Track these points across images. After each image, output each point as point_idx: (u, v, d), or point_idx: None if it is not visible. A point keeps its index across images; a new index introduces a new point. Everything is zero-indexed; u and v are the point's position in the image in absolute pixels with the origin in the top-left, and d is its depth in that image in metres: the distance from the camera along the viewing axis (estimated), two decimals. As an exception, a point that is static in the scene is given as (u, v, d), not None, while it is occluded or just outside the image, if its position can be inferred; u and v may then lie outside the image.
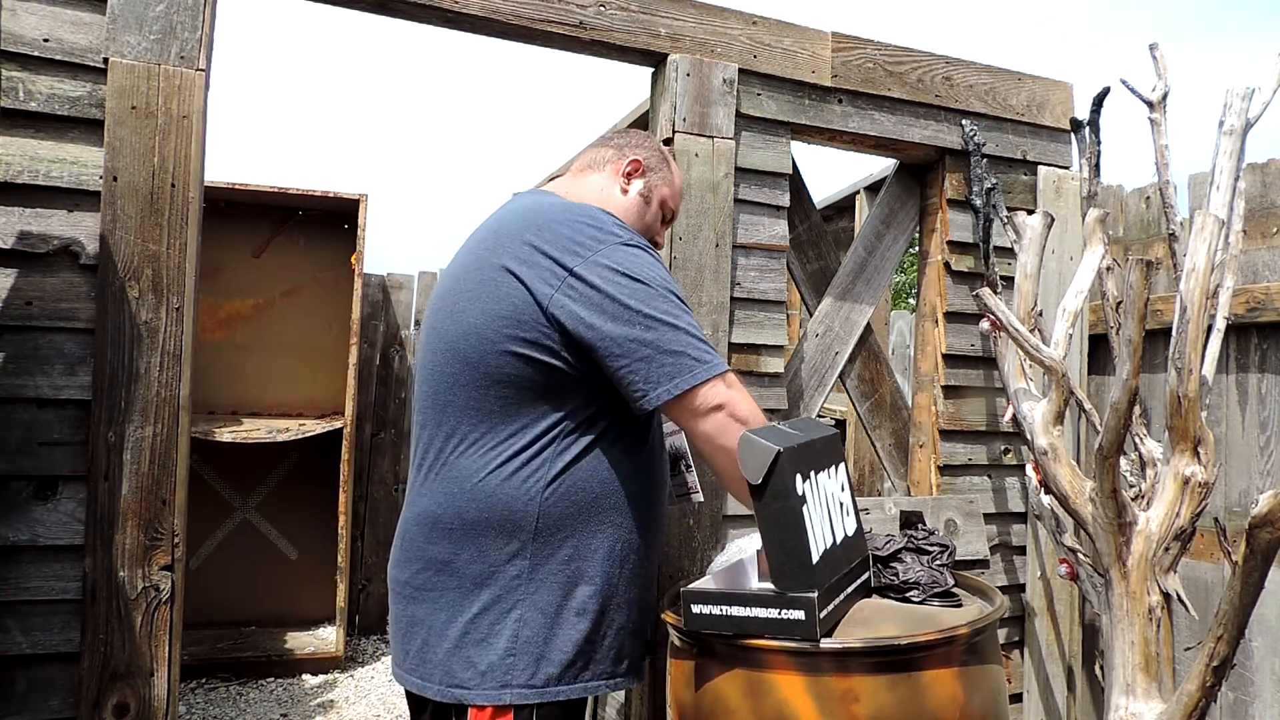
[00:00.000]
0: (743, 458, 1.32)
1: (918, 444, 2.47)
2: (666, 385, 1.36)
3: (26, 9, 1.58)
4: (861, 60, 2.28)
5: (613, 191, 1.63)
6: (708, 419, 1.39)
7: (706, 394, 1.38)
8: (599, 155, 1.68)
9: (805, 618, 1.30)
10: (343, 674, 3.90)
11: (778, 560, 1.31)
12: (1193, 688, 1.48)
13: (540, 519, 1.37)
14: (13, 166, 1.57)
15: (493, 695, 1.33)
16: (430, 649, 1.38)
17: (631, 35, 2.04)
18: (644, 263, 1.41)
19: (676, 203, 1.73)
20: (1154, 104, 2.10)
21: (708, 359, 1.39)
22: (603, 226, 1.42)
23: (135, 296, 1.61)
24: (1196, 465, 1.68)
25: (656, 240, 1.72)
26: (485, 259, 1.42)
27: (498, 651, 1.35)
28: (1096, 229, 1.96)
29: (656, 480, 1.55)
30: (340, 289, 4.24)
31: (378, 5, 1.88)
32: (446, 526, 1.39)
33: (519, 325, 1.37)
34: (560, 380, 1.38)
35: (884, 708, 1.31)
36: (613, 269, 1.36)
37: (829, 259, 2.43)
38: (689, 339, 1.38)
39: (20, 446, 1.56)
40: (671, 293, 1.41)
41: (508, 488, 1.37)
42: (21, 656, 1.54)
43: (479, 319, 1.39)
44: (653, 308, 1.37)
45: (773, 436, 1.34)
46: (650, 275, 1.40)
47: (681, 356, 1.37)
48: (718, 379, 1.39)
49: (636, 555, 1.46)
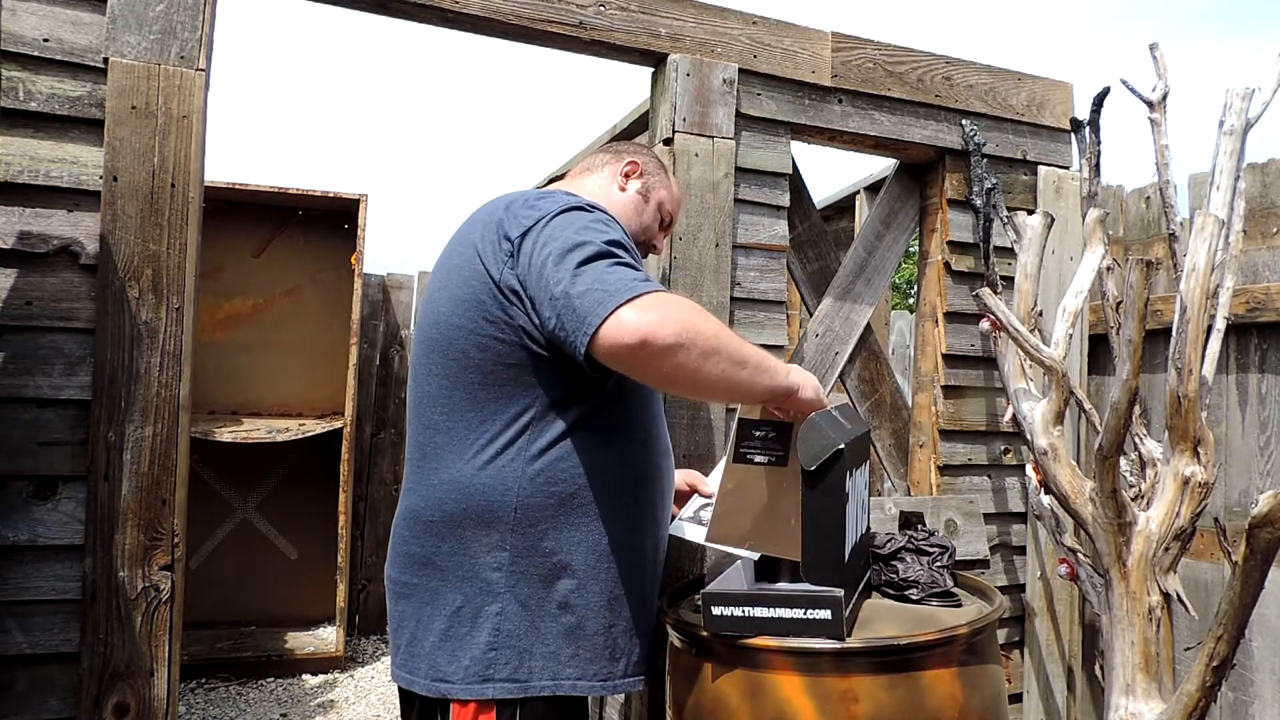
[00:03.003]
0: (804, 440, 1.32)
1: (918, 444, 2.47)
2: (582, 329, 1.22)
3: (26, 9, 1.58)
4: (861, 60, 2.28)
5: (610, 190, 1.63)
6: (641, 360, 1.22)
7: (618, 326, 1.19)
8: (597, 160, 1.69)
9: (832, 616, 1.30)
10: (343, 674, 3.90)
11: (813, 552, 1.32)
12: (1193, 688, 1.48)
13: (518, 510, 1.35)
14: (13, 166, 1.57)
15: (475, 690, 1.32)
16: (417, 643, 1.38)
17: (631, 35, 2.04)
18: (575, 218, 1.33)
19: (675, 208, 1.72)
20: (1154, 104, 2.10)
21: (613, 288, 1.22)
22: (554, 198, 1.39)
23: (135, 296, 1.61)
24: (1196, 465, 1.68)
25: (655, 245, 1.70)
26: (458, 250, 1.44)
27: (479, 646, 1.33)
28: (1096, 229, 1.96)
29: (650, 473, 1.49)
30: (340, 289, 4.24)
31: (378, 5, 1.88)
32: (428, 521, 1.39)
33: (480, 307, 1.36)
34: (525, 360, 1.35)
35: (883, 708, 1.31)
36: (546, 233, 1.31)
37: (829, 259, 2.43)
38: (597, 275, 1.24)
39: (20, 446, 1.56)
40: (585, 237, 1.29)
41: (483, 478, 1.36)
42: (21, 656, 1.54)
43: (447, 306, 1.40)
44: (567, 258, 1.26)
45: (834, 427, 1.34)
46: (576, 227, 1.31)
47: (588, 294, 1.23)
48: (627, 304, 1.20)
49: (628, 552, 1.43)
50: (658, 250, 1.72)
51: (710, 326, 1.27)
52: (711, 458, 2.05)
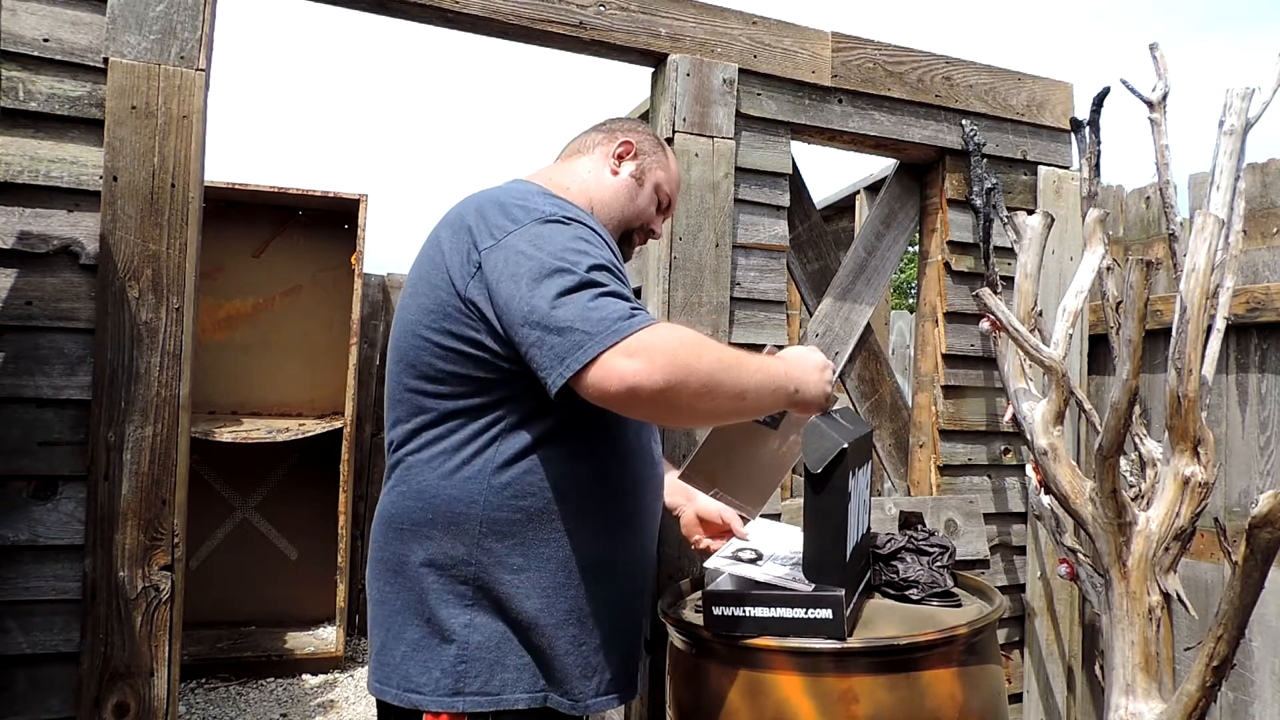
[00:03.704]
0: (808, 443, 1.31)
1: (918, 444, 2.47)
2: (559, 369, 1.17)
3: (26, 9, 1.58)
4: (861, 60, 2.28)
5: (602, 174, 1.55)
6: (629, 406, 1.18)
7: (604, 374, 1.15)
8: (589, 140, 1.59)
9: (833, 616, 1.31)
10: (342, 674, 3.90)
11: (815, 552, 1.32)
12: (1193, 688, 1.48)
13: (483, 523, 1.31)
14: (13, 166, 1.57)
15: (445, 702, 1.29)
16: (387, 652, 1.35)
17: (631, 35, 2.04)
18: (552, 235, 1.26)
19: (673, 190, 1.63)
20: (1154, 104, 2.10)
21: (596, 330, 1.16)
22: (529, 205, 1.31)
23: (135, 296, 1.61)
24: (1196, 465, 1.68)
25: (654, 230, 1.62)
26: (427, 254, 1.39)
27: (449, 658, 1.30)
28: (1096, 229, 1.96)
29: (629, 485, 1.42)
30: (340, 289, 4.24)
31: (378, 5, 1.88)
32: (399, 528, 1.36)
33: (444, 316, 1.31)
34: (492, 374, 1.30)
35: (883, 708, 1.31)
36: (518, 250, 1.24)
37: (829, 259, 2.43)
38: (579, 311, 1.17)
39: (20, 446, 1.55)
40: (567, 262, 1.22)
41: (449, 488, 1.32)
42: (21, 656, 1.54)
43: (414, 315, 1.36)
44: (545, 284, 1.20)
45: (836, 429, 1.35)
46: (554, 247, 1.24)
47: (569, 333, 1.17)
48: (611, 350, 1.14)
49: (602, 567, 1.37)
50: (657, 235, 1.64)
51: (705, 364, 1.19)
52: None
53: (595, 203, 1.53)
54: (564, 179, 1.54)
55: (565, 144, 1.65)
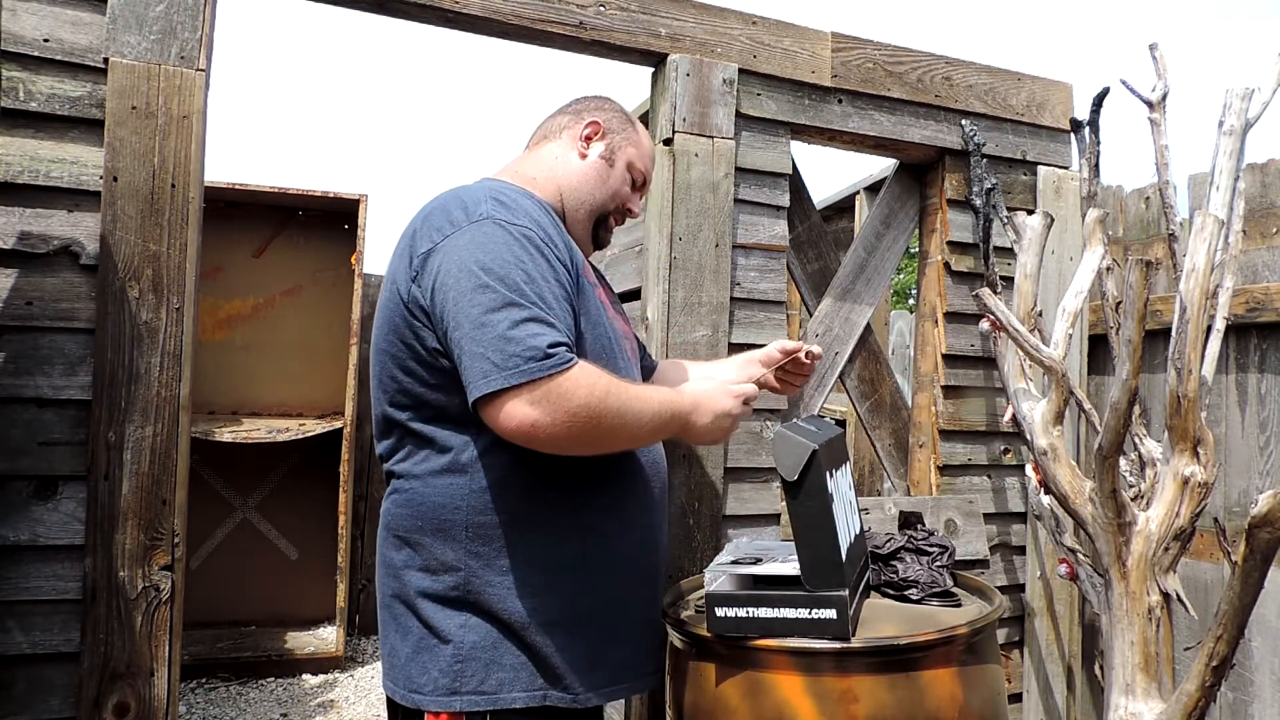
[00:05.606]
0: (778, 453, 1.31)
1: (917, 444, 2.47)
2: (470, 390, 1.22)
3: (26, 9, 1.58)
4: (861, 60, 2.28)
5: (570, 159, 1.51)
6: (524, 444, 1.24)
7: (503, 414, 1.19)
8: (555, 123, 1.56)
9: (837, 616, 1.30)
10: (343, 674, 3.90)
11: (809, 558, 1.32)
12: (1192, 688, 1.48)
13: (469, 528, 1.32)
14: (13, 166, 1.57)
15: (443, 701, 1.31)
16: (395, 654, 1.38)
17: (631, 35, 2.04)
18: (486, 242, 1.25)
19: (647, 166, 1.58)
20: (1154, 104, 2.10)
21: (506, 365, 1.17)
22: (470, 207, 1.30)
23: (135, 296, 1.61)
24: (1196, 465, 1.68)
25: (630, 209, 1.57)
26: (390, 265, 1.39)
27: (446, 657, 1.31)
28: (1096, 229, 1.96)
29: (621, 479, 1.42)
30: (340, 289, 4.24)
31: (378, 5, 1.88)
32: (396, 533, 1.39)
33: (396, 330, 1.33)
34: (452, 378, 1.29)
35: (883, 708, 1.31)
36: (452, 256, 1.26)
37: (829, 259, 2.43)
38: (494, 338, 1.19)
39: (20, 446, 1.56)
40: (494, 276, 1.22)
41: (434, 495, 1.34)
42: (22, 656, 1.54)
43: (378, 330, 1.39)
44: (471, 298, 1.21)
45: (804, 434, 1.35)
46: (486, 257, 1.24)
47: (480, 359, 1.19)
48: (514, 392, 1.17)
49: (594, 564, 1.37)
50: (634, 214, 1.60)
51: (608, 413, 1.24)
52: (712, 454, 2.05)
53: (564, 190, 1.50)
54: (530, 169, 1.51)
55: (534, 129, 1.62)
